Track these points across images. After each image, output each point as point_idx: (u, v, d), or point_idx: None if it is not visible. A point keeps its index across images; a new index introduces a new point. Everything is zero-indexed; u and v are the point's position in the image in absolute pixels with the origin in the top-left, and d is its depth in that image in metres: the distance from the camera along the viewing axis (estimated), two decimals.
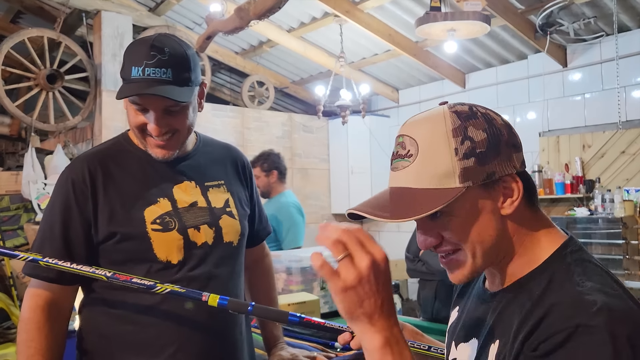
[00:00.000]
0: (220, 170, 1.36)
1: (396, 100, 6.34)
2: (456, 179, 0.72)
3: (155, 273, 1.18)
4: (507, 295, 0.77)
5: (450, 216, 0.74)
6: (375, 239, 0.68)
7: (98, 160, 1.23)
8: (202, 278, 1.23)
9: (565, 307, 0.65)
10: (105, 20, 4.86)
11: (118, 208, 1.19)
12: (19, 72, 4.63)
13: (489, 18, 3.66)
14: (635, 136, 4.28)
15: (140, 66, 1.13)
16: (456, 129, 0.73)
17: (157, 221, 1.19)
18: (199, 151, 1.34)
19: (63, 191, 1.20)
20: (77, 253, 1.19)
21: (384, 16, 4.70)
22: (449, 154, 0.73)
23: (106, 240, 1.19)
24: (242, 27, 3.98)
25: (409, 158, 0.75)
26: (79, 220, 1.19)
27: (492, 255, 0.76)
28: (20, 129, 5.68)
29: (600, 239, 4.15)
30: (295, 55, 5.70)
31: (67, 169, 1.24)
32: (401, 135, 0.77)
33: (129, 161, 1.25)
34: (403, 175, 0.76)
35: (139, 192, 1.21)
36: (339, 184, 6.40)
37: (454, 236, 0.74)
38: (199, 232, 1.24)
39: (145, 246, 1.18)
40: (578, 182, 4.50)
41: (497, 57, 5.19)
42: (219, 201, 1.30)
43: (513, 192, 0.75)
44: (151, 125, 1.17)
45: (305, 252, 2.96)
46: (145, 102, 1.16)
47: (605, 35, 4.43)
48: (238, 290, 1.33)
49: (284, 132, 6.20)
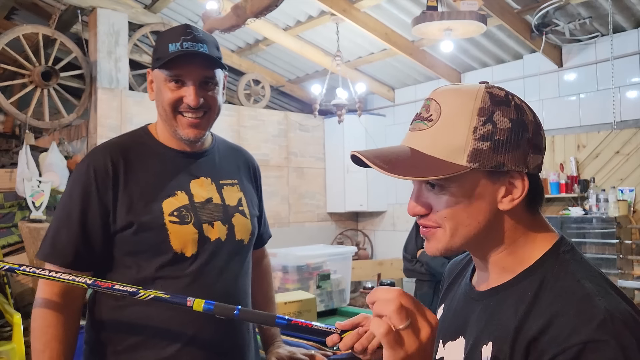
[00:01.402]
0: (234, 170, 1.39)
1: (392, 99, 6.35)
2: (464, 157, 0.71)
3: (169, 265, 1.20)
4: (497, 295, 0.76)
5: (446, 191, 0.74)
6: (370, 237, 0.68)
7: (120, 151, 1.24)
8: (213, 273, 1.24)
9: (570, 318, 0.64)
10: (101, 17, 4.84)
11: (137, 198, 1.21)
12: (13, 69, 4.60)
13: (485, 18, 3.67)
14: (629, 136, 4.30)
15: (177, 42, 1.19)
16: (483, 109, 0.72)
17: (175, 214, 1.21)
18: (215, 150, 1.37)
19: (83, 179, 1.21)
20: (93, 240, 1.20)
21: (380, 15, 4.70)
22: (466, 130, 0.72)
23: (123, 230, 1.20)
24: (239, 25, 3.97)
25: (429, 122, 0.74)
26: (98, 208, 1.19)
27: (473, 241, 0.76)
28: (15, 126, 5.66)
29: (595, 238, 4.18)
30: (292, 54, 5.69)
31: (88, 157, 1.25)
32: (430, 99, 0.76)
33: (148, 154, 1.27)
34: (418, 137, 0.75)
35: (157, 184, 1.23)
36: (335, 183, 6.40)
37: (443, 211, 0.74)
38: (212, 228, 1.26)
39: (162, 237, 1.20)
40: (573, 182, 4.53)
41: (492, 57, 5.20)
42: (232, 199, 1.33)
43: (516, 190, 0.74)
44: (189, 97, 1.20)
45: (301, 250, 2.96)
46: (184, 72, 1.20)
47: (600, 36, 4.45)
48: (247, 288, 1.35)
49: (280, 130, 6.20)
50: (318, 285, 2.66)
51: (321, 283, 2.66)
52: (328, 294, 2.70)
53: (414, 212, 0.77)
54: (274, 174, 6.11)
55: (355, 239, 6.63)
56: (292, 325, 0.96)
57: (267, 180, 6.01)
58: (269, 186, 6.02)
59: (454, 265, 0.96)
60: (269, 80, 6.29)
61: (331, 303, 2.69)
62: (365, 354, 0.95)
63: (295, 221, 6.28)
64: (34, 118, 4.60)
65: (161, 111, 1.25)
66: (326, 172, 6.54)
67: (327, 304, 2.68)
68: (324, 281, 2.67)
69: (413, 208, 0.77)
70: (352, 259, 3.97)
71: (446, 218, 0.74)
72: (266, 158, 6.05)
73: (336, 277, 2.75)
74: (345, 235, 6.61)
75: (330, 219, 6.58)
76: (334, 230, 6.58)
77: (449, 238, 0.75)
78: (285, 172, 6.23)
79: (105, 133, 4.73)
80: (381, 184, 6.33)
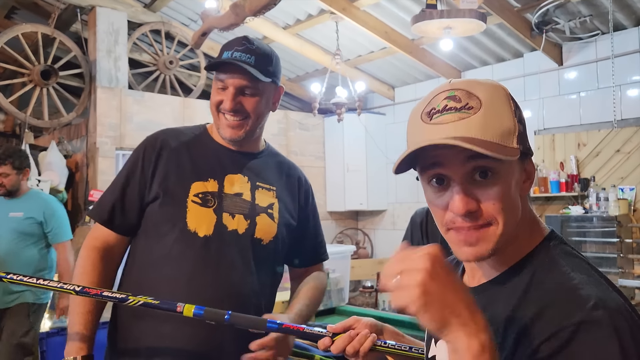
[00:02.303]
0: (276, 179, 1.45)
1: (392, 98, 6.34)
2: (514, 139, 0.70)
3: (182, 240, 1.29)
4: (487, 291, 0.75)
5: (499, 178, 0.70)
6: (370, 236, 0.66)
7: (173, 135, 1.39)
8: (224, 262, 1.29)
9: (561, 304, 0.64)
10: (100, 16, 4.84)
11: (171, 175, 1.33)
12: (12, 68, 4.60)
13: (485, 16, 3.66)
14: (630, 135, 4.29)
15: (230, 50, 1.33)
16: (510, 95, 0.74)
17: (200, 196, 1.31)
18: (264, 156, 1.46)
19: (135, 154, 1.37)
20: (129, 204, 1.34)
21: (380, 13, 4.69)
22: (511, 113, 0.71)
23: (153, 201, 1.32)
24: (238, 23, 3.96)
25: (469, 110, 0.69)
26: (139, 179, 1.34)
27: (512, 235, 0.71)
28: (14, 125, 5.66)
29: (595, 237, 4.17)
30: (291, 53, 5.68)
31: (147, 138, 1.40)
32: (452, 90, 0.72)
33: (197, 142, 1.40)
34: (463, 125, 0.68)
35: (194, 168, 1.35)
36: (335, 182, 6.39)
37: (498, 202, 0.69)
38: (232, 219, 1.33)
39: (180, 213, 1.29)
40: (573, 181, 4.52)
41: (493, 55, 5.19)
42: (264, 201, 1.39)
43: (531, 173, 0.75)
44: (226, 101, 1.32)
45: None
46: (226, 78, 1.32)
47: (600, 34, 4.43)
48: (261, 289, 1.35)
49: (280, 129, 6.19)
50: None
51: None
52: (327, 293, 2.69)
53: (468, 210, 0.69)
54: None
55: (355, 237, 6.63)
56: (283, 328, 0.95)
57: None
58: None
59: None
60: None
61: (330, 302, 2.69)
62: (357, 356, 0.94)
63: None
64: (33, 117, 4.60)
65: (211, 109, 1.37)
66: (326, 170, 6.53)
67: (326, 303, 2.67)
68: None
69: (467, 204, 0.69)
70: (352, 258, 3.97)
71: (503, 209, 0.70)
72: None
73: (335, 276, 2.75)
74: (345, 234, 6.61)
75: (330, 217, 6.58)
76: (334, 229, 6.58)
77: (500, 235, 0.70)
78: None
79: (104, 132, 4.73)
80: (381, 183, 6.33)
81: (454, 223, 0.72)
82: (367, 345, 0.94)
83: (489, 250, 0.71)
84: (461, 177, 0.70)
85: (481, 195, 0.70)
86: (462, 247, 0.72)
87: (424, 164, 0.73)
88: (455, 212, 0.70)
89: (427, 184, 0.75)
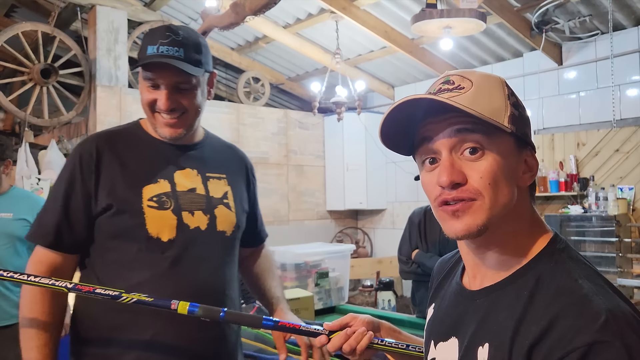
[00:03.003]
0: (223, 165, 1.40)
1: (392, 97, 6.34)
2: (506, 119, 0.71)
3: (146, 249, 1.22)
4: (491, 294, 0.74)
5: (488, 154, 0.70)
6: (370, 235, 0.66)
7: (107, 139, 1.30)
8: (192, 261, 1.26)
9: (571, 319, 0.63)
10: (100, 15, 4.84)
11: (118, 182, 1.24)
12: (12, 66, 4.60)
13: (484, 15, 3.66)
14: (629, 134, 4.29)
15: (154, 45, 1.22)
16: (506, 83, 0.76)
17: (154, 199, 1.24)
18: (205, 144, 1.39)
19: (70, 166, 1.27)
20: (75, 222, 1.24)
21: (380, 13, 4.69)
22: (503, 95, 0.74)
23: (104, 212, 1.23)
24: (238, 22, 3.97)
25: (460, 90, 0.72)
26: (81, 191, 1.24)
27: (502, 220, 0.71)
28: (14, 123, 5.66)
29: (594, 236, 4.18)
30: (291, 52, 5.69)
31: (78, 146, 1.30)
32: (448, 76, 0.76)
33: (136, 144, 1.31)
34: (456, 98, 0.71)
35: (140, 171, 1.27)
36: (335, 181, 6.40)
37: (485, 177, 0.70)
38: (192, 216, 1.28)
39: (139, 221, 1.22)
40: (572, 180, 4.52)
41: (492, 55, 5.20)
42: (218, 192, 1.35)
43: (532, 166, 0.75)
44: (161, 101, 1.23)
45: (300, 248, 2.96)
46: (157, 77, 1.23)
47: (600, 34, 4.44)
48: (231, 279, 1.35)
49: (280, 128, 6.19)
50: (316, 283, 2.66)
51: (320, 281, 2.67)
52: (326, 292, 2.70)
53: (451, 180, 0.70)
54: (273, 172, 6.10)
55: (354, 237, 6.63)
56: (279, 326, 0.95)
57: (266, 178, 6.01)
58: (268, 184, 6.02)
59: (442, 264, 0.94)
60: (268, 78, 6.28)
61: (329, 301, 2.70)
62: (354, 354, 0.94)
63: (294, 219, 6.28)
64: (33, 116, 4.60)
65: (143, 108, 1.29)
66: (326, 170, 6.54)
67: (326, 301, 2.68)
68: (322, 279, 2.67)
69: (450, 175, 0.70)
70: (352, 257, 3.97)
71: (490, 184, 0.70)
72: (266, 156, 6.05)
73: (335, 275, 2.75)
74: (344, 233, 6.61)
75: (330, 216, 6.58)
76: (334, 228, 6.58)
77: (488, 210, 0.70)
78: (285, 170, 6.23)
79: None
80: (381, 182, 6.33)
81: (442, 197, 0.72)
82: (364, 343, 0.93)
83: (477, 225, 0.70)
84: (448, 149, 0.71)
85: (469, 170, 0.71)
86: (449, 221, 0.72)
87: (416, 142, 0.76)
88: (441, 184, 0.71)
89: (421, 166, 0.76)
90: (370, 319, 0.99)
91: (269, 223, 6.43)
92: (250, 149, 5.96)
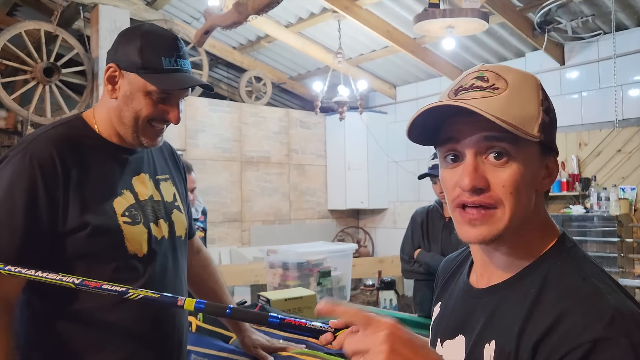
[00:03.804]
0: (165, 164, 1.36)
1: (393, 96, 6.34)
2: (536, 127, 0.69)
3: (125, 267, 1.16)
4: (498, 293, 0.74)
5: (513, 162, 0.69)
6: (371, 234, 0.66)
7: (64, 145, 1.14)
8: (161, 272, 1.23)
9: (578, 316, 0.63)
10: (103, 14, 4.84)
11: (89, 198, 1.14)
12: (15, 65, 4.61)
13: (487, 15, 3.66)
14: (631, 135, 4.29)
15: (171, 57, 1.16)
16: (541, 85, 0.74)
17: (126, 214, 1.18)
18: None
19: (27, 173, 1.08)
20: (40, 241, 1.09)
21: (382, 12, 4.69)
22: (537, 101, 0.71)
23: (76, 232, 1.11)
24: (241, 22, 3.97)
25: (494, 90, 0.70)
26: (46, 206, 1.09)
27: (519, 224, 0.71)
28: (17, 122, 5.66)
29: (596, 236, 4.17)
30: (293, 51, 5.69)
31: (27, 149, 1.11)
32: (483, 71, 0.73)
33: (92, 149, 1.19)
34: (485, 102, 0.68)
35: (105, 183, 1.18)
36: (336, 180, 6.40)
37: (509, 185, 0.69)
38: (157, 227, 1.24)
39: (119, 240, 1.16)
40: (574, 180, 4.52)
41: (494, 55, 5.19)
42: (169, 195, 1.31)
43: (554, 171, 0.74)
44: (174, 114, 1.18)
45: (302, 247, 2.96)
46: (175, 93, 1.18)
47: (603, 34, 4.43)
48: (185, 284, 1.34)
49: (281, 127, 6.20)
50: (318, 282, 2.67)
51: (322, 280, 2.67)
52: (328, 291, 2.70)
53: (474, 185, 0.69)
54: (275, 171, 6.11)
55: (356, 236, 6.64)
56: (285, 323, 0.95)
57: (268, 177, 6.02)
58: (270, 183, 6.03)
59: (448, 263, 0.94)
60: (270, 77, 6.29)
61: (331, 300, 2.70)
62: None
63: (296, 218, 6.28)
64: (35, 114, 4.61)
65: (128, 118, 1.17)
66: (327, 169, 6.54)
67: None
68: (324, 278, 2.68)
69: (473, 180, 0.69)
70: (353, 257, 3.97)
71: (512, 194, 0.69)
72: (267, 155, 6.06)
73: (336, 274, 2.76)
74: (346, 233, 6.62)
75: (331, 216, 6.58)
76: (335, 228, 6.59)
77: (508, 219, 0.69)
78: (286, 169, 6.24)
79: None
80: (382, 182, 6.33)
81: (460, 198, 0.71)
82: None
83: (492, 235, 0.70)
84: (474, 153, 0.70)
85: (492, 176, 0.69)
86: (464, 226, 0.71)
87: (441, 138, 0.74)
88: (462, 187, 0.70)
89: (442, 160, 0.75)
90: (374, 316, 0.99)
91: (271, 222, 6.46)
92: (252, 148, 5.97)
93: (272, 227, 6.06)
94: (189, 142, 5.51)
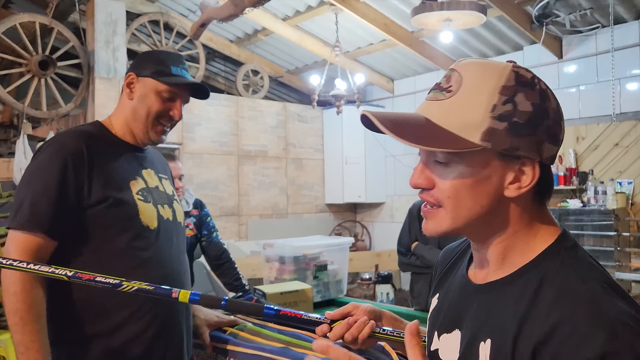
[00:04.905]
0: (162, 167, 1.62)
1: (391, 90, 6.33)
2: (478, 135, 0.68)
3: (139, 237, 1.38)
4: (495, 289, 0.73)
5: (454, 168, 0.71)
6: (368, 228, 0.66)
7: (89, 137, 1.41)
8: (168, 247, 1.45)
9: (579, 324, 0.62)
10: (99, 7, 4.81)
11: (109, 178, 1.38)
12: (10, 58, 4.57)
13: (485, 8, 3.64)
14: (629, 128, 4.29)
15: (179, 65, 1.48)
16: (506, 87, 0.69)
17: (140, 193, 1.42)
18: (149, 149, 1.59)
19: (60, 156, 1.33)
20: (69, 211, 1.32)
21: (379, 5, 4.67)
22: (485, 107, 0.69)
23: (98, 204, 1.34)
24: (237, 14, 3.95)
25: (447, 93, 0.71)
26: (74, 183, 1.33)
27: (475, 227, 0.73)
28: (12, 115, 5.63)
29: (592, 230, 4.18)
30: (291, 44, 5.67)
31: (60, 140, 1.38)
32: (452, 69, 0.73)
33: (110, 143, 1.46)
34: (433, 107, 0.72)
35: (121, 169, 1.43)
36: (333, 174, 6.40)
37: (447, 189, 0.72)
38: (164, 209, 1.48)
39: (134, 212, 1.38)
40: (571, 174, 4.52)
41: (492, 48, 5.18)
42: (169, 189, 1.57)
43: (525, 178, 0.71)
44: (176, 111, 1.46)
45: (298, 241, 2.96)
46: (181, 92, 1.46)
47: (601, 27, 4.42)
48: (186, 262, 1.56)
49: (279, 121, 6.18)
50: (315, 276, 2.66)
51: (318, 274, 2.67)
52: (325, 285, 2.70)
53: (415, 184, 0.75)
54: (272, 165, 6.10)
55: (353, 230, 6.64)
56: (281, 315, 0.95)
57: (265, 171, 6.01)
58: (267, 177, 6.02)
59: (447, 254, 0.93)
60: (267, 70, 6.26)
61: (328, 294, 2.70)
62: (356, 343, 0.94)
63: (293, 212, 6.28)
64: (31, 108, 4.58)
65: (141, 114, 1.45)
66: (325, 163, 6.53)
67: (324, 294, 2.68)
68: (321, 272, 2.67)
69: (415, 179, 0.75)
70: (350, 250, 3.97)
71: (449, 197, 0.72)
72: (265, 149, 6.04)
73: (333, 268, 2.75)
74: (343, 227, 6.62)
75: (329, 210, 6.58)
76: (332, 222, 6.59)
77: (450, 220, 0.73)
78: (284, 163, 6.23)
79: None
80: (380, 176, 6.33)
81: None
82: (366, 332, 0.93)
83: (439, 232, 0.75)
84: (423, 155, 0.75)
85: (437, 177, 0.73)
86: (425, 220, 0.77)
87: None
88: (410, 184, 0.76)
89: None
90: (372, 308, 0.99)
91: (268, 216, 6.46)
92: (249, 142, 5.95)
93: (270, 221, 6.06)
94: (186, 135, 5.49)
